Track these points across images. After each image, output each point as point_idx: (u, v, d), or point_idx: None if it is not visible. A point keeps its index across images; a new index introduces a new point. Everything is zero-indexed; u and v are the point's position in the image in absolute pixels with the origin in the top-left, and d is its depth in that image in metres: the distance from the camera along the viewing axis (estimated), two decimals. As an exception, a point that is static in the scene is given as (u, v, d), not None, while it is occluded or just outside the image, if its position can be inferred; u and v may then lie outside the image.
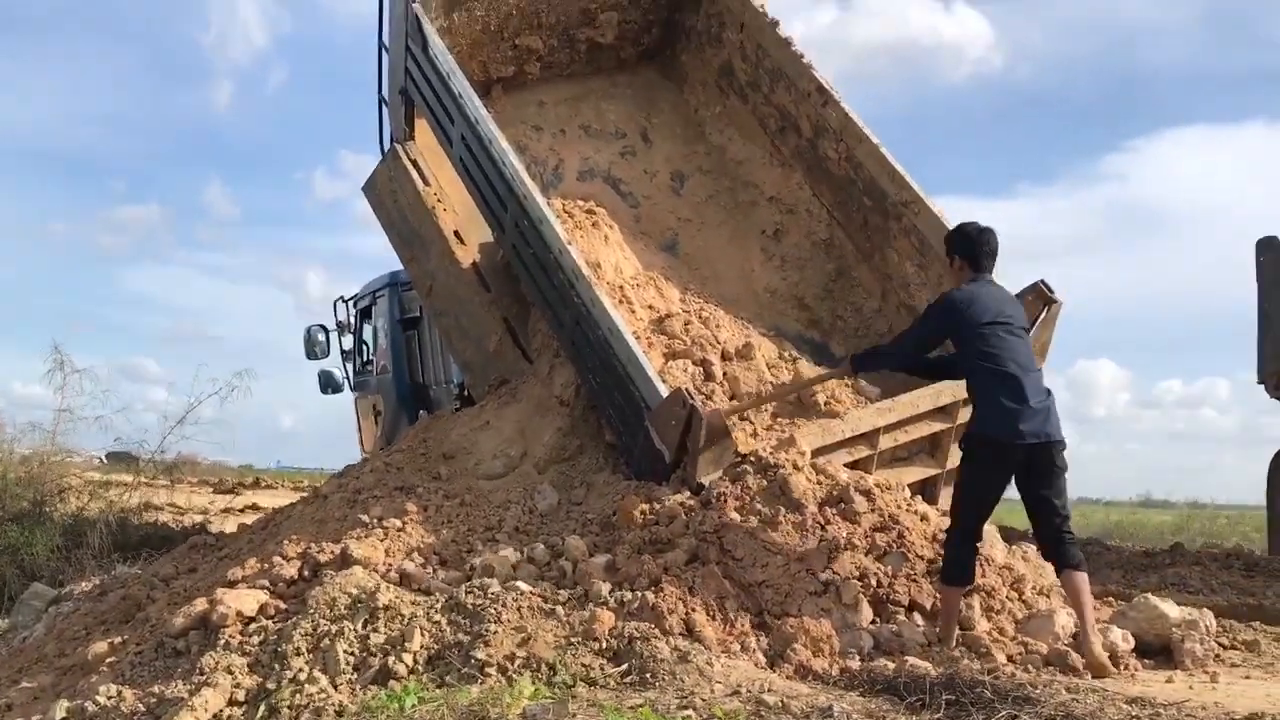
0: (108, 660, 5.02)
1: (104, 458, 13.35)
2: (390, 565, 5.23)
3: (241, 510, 14.23)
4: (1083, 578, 4.89)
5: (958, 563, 4.99)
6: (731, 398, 6.44)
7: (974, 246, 5.20)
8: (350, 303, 12.27)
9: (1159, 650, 5.19)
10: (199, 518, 11.93)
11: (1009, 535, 7.08)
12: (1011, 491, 5.13)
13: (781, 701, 3.77)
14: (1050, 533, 4.98)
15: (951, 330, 5.12)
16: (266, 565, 5.45)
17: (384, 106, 8.31)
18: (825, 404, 6.49)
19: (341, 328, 12.32)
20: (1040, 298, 6.36)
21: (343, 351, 12.45)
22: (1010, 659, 4.83)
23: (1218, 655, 5.36)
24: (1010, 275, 5.47)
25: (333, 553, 5.37)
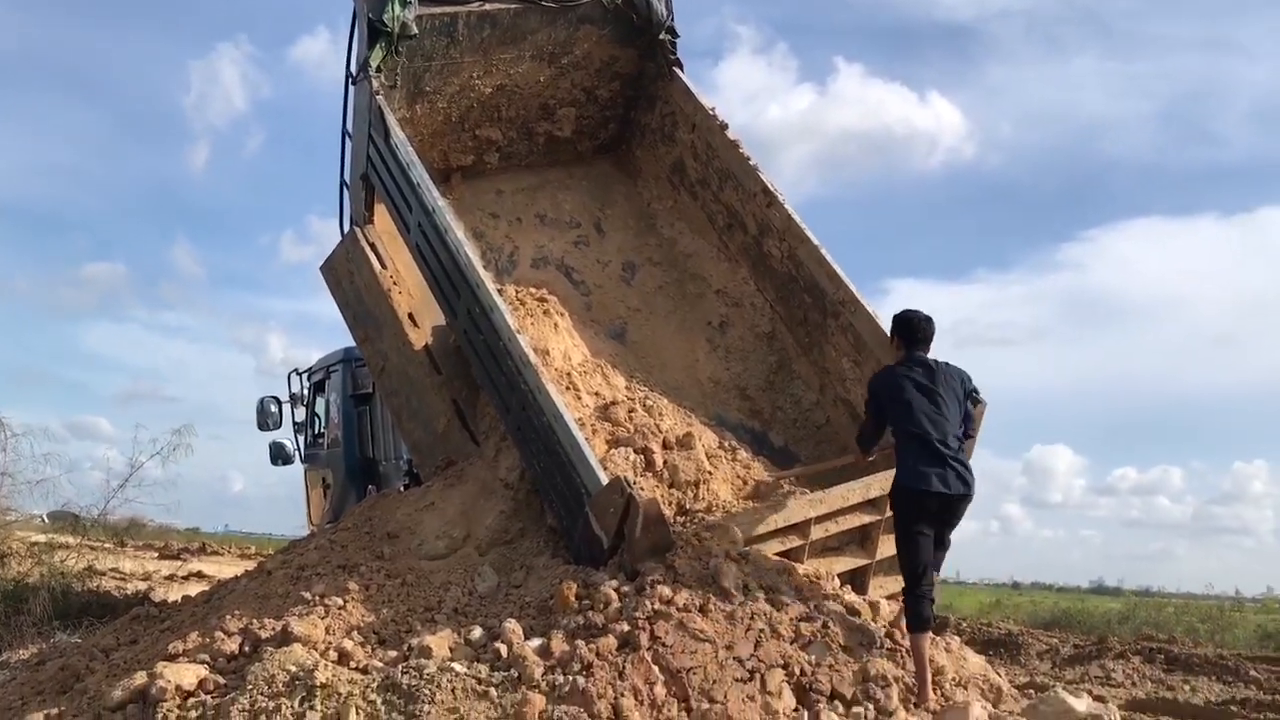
0: (44, 731, 5.07)
1: (45, 517, 13.23)
2: (330, 643, 5.34)
3: (185, 578, 14.17)
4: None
5: (912, 611, 5.49)
6: (671, 486, 6.64)
7: (912, 331, 5.99)
8: (304, 376, 12.40)
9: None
10: (142, 585, 11.89)
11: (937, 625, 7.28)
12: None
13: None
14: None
15: (879, 409, 5.98)
16: (207, 639, 5.55)
17: (345, 190, 8.57)
18: (761, 493, 6.72)
19: (294, 400, 12.42)
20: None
21: (295, 423, 12.54)
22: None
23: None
24: (966, 359, 6.08)
25: (274, 629, 5.48)
